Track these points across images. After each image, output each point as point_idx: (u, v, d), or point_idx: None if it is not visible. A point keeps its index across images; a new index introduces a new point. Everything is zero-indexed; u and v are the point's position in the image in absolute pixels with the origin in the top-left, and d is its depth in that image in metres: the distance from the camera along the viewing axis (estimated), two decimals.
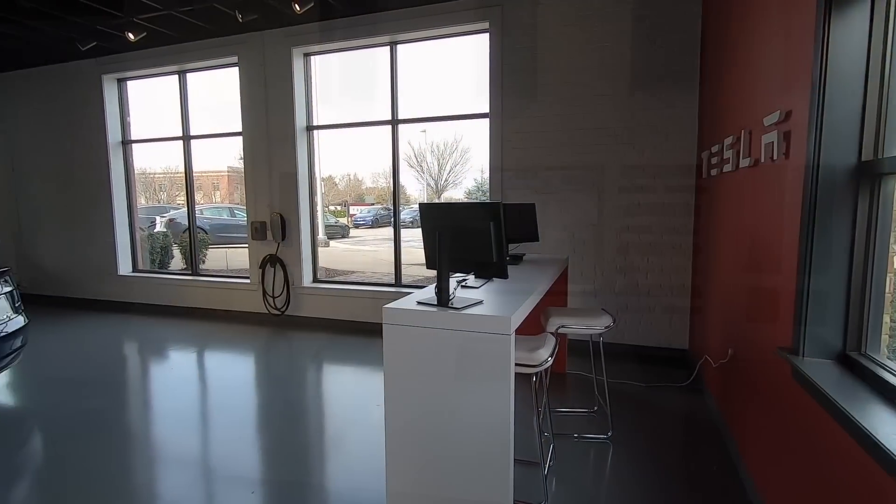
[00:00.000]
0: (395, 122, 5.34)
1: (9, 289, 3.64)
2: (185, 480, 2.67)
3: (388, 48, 5.25)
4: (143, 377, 4.40)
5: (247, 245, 6.01)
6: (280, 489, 2.57)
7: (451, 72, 5.58)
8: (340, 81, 5.96)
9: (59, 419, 3.39)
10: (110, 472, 2.72)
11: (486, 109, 4.80)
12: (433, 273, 2.14)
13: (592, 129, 4.44)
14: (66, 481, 2.64)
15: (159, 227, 8.91)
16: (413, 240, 5.99)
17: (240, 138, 5.91)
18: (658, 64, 4.20)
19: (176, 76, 6.26)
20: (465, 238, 2.10)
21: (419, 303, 2.06)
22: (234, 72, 5.81)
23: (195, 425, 3.35)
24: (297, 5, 4.47)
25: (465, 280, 2.51)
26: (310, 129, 5.73)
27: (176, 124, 6.38)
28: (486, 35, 4.71)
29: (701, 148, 4.02)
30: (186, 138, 6.36)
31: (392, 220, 5.61)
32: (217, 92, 6.28)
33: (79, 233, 6.88)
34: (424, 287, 2.58)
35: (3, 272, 3.61)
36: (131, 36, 5.25)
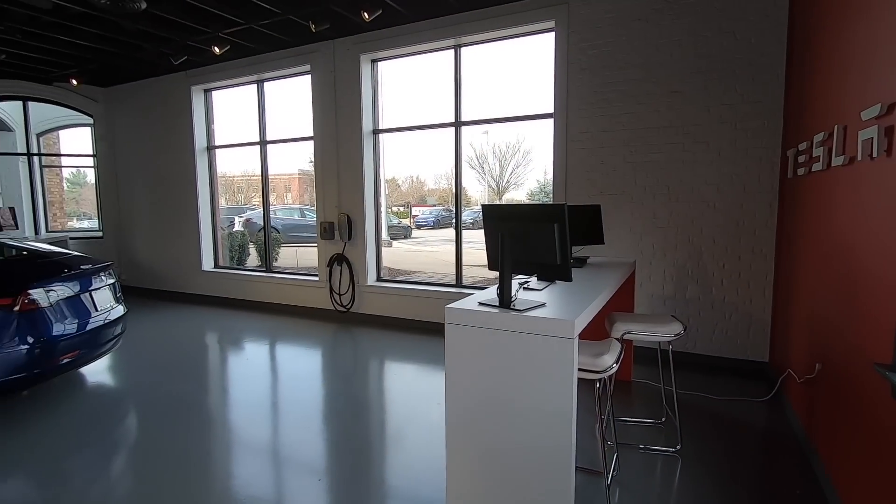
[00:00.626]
0: (458, 124, 5.39)
1: (111, 281, 4.05)
2: (259, 463, 2.85)
3: (452, 51, 5.31)
4: (221, 365, 4.74)
5: (316, 244, 6.31)
6: (344, 479, 2.68)
7: (514, 73, 5.54)
8: (405, 85, 6.10)
9: (150, 400, 3.73)
10: (192, 451, 2.96)
11: (551, 110, 4.73)
12: (494, 275, 2.14)
13: (664, 128, 4.24)
14: (156, 456, 2.90)
15: (237, 227, 9.55)
16: (474, 241, 6.00)
17: (310, 142, 6.22)
18: (738, 57, 3.94)
19: (254, 85, 6.69)
20: (528, 240, 2.09)
21: (481, 304, 2.07)
22: (306, 79, 6.12)
23: (267, 413, 3.57)
24: (365, 13, 4.63)
25: (527, 282, 2.49)
26: (376, 132, 5.91)
27: (253, 130, 6.82)
28: (552, 34, 4.64)
29: (786, 146, 3.73)
30: (263, 143, 6.78)
31: (453, 221, 5.66)
32: (290, 99, 6.64)
33: (169, 231, 7.53)
34: (486, 288, 2.59)
35: (107, 266, 4.03)
36: (217, 49, 5.67)
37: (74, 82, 7.21)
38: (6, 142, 9.63)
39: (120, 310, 4.06)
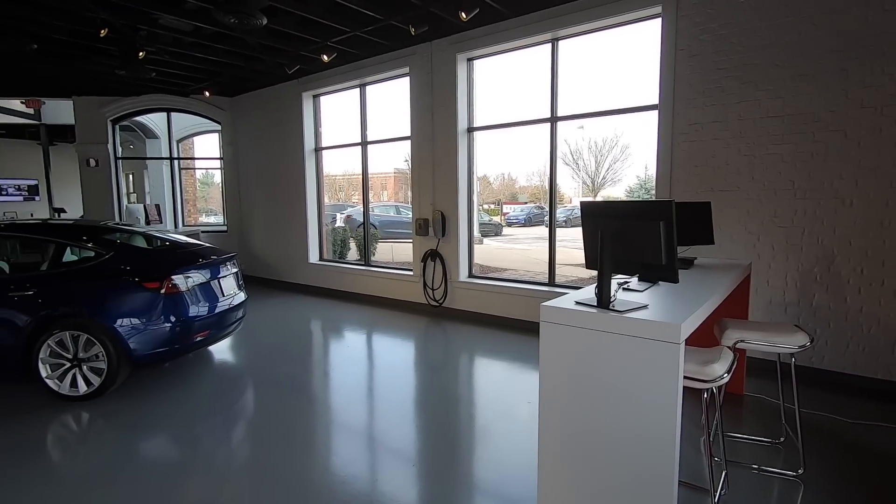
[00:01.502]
0: (553, 119, 5.27)
1: (235, 270, 4.54)
2: (356, 444, 3.04)
3: (549, 45, 5.20)
4: (324, 351, 5.11)
5: (410, 240, 6.54)
6: (435, 467, 2.76)
7: (613, 64, 5.30)
8: (499, 82, 6.10)
9: (264, 378, 4.14)
10: (299, 428, 3.24)
11: (655, 101, 4.45)
12: (588, 275, 2.08)
13: (789, 116, 3.81)
14: (268, 429, 3.21)
15: (339, 223, 10.22)
16: (567, 239, 5.85)
17: (406, 142, 6.45)
18: (886, 32, 3.41)
19: (357, 89, 7.09)
20: (629, 238, 2.00)
21: (578, 303, 2.02)
22: (404, 81, 6.36)
23: (363, 398, 3.79)
24: (463, 13, 4.70)
25: (627, 283, 2.38)
26: (470, 130, 5.98)
27: (355, 131, 7.23)
28: (658, 20, 4.37)
29: None
30: (364, 144, 7.17)
31: (547, 218, 5.55)
32: (388, 100, 6.95)
33: (281, 226, 8.26)
34: (580, 288, 2.52)
35: (232, 256, 4.52)
36: (325, 57, 6.10)
37: (207, 94, 8.16)
38: (154, 148, 11.18)
39: (242, 296, 4.54)
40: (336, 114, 7.80)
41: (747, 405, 3.46)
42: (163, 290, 3.68)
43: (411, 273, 6.56)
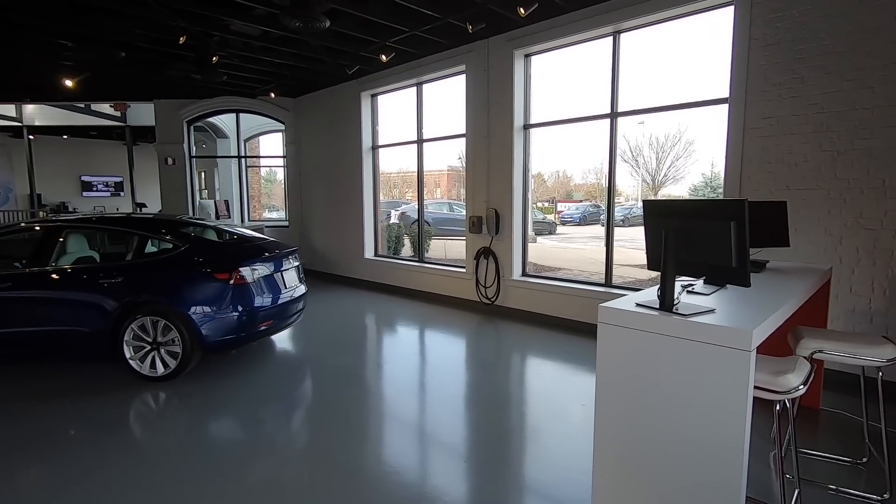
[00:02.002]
0: (613, 115, 5.11)
1: (297, 264, 4.74)
2: (407, 437, 3.10)
3: (610, 38, 5.04)
4: (378, 344, 5.24)
5: (463, 237, 6.56)
6: (484, 464, 2.76)
7: (677, 56, 5.05)
8: (556, 77, 5.98)
9: (322, 368, 4.30)
10: (353, 417, 3.34)
11: (724, 94, 4.21)
12: (647, 276, 2.01)
13: (880, 108, 3.48)
14: (324, 416, 3.34)
15: (393, 219, 10.41)
16: (625, 239, 5.65)
17: (459, 139, 6.47)
18: None
19: (413, 88, 7.19)
20: (696, 239, 1.91)
21: (638, 305, 1.96)
22: (460, 79, 6.37)
23: (415, 392, 3.85)
24: (521, 9, 4.64)
25: (692, 286, 2.27)
26: (526, 127, 5.91)
27: (411, 130, 7.34)
28: (730, 8, 4.12)
29: None
30: (420, 142, 7.26)
31: (604, 217, 5.40)
32: (443, 98, 6.99)
33: (338, 222, 8.53)
34: (639, 290, 2.43)
35: (293, 250, 4.73)
36: (383, 57, 6.23)
37: (273, 95, 8.56)
38: (224, 147, 11.86)
39: (302, 289, 4.74)
40: (392, 112, 7.95)
41: (824, 420, 3.21)
42: (232, 281, 3.91)
43: (464, 270, 6.59)
